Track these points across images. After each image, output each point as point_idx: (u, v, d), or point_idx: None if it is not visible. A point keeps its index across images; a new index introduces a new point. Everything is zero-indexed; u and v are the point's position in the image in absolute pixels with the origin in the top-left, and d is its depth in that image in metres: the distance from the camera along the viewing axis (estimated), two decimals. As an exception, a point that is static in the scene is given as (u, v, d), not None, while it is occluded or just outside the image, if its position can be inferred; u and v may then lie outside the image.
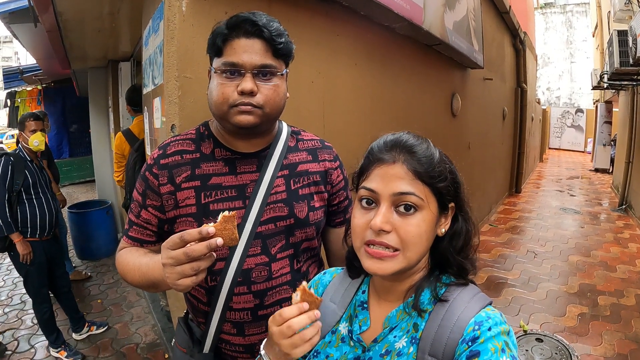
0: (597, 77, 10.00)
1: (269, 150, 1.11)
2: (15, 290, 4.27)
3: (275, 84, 1.02)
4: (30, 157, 3.05)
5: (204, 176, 1.06)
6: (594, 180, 12.07)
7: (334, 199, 1.23)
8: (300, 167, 1.15)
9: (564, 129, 21.68)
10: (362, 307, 0.85)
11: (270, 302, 1.09)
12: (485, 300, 0.76)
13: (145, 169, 1.09)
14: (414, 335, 0.75)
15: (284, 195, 1.10)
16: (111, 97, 5.59)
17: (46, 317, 3.01)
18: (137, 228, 1.10)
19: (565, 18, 25.51)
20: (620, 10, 6.56)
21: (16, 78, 8.43)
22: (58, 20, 3.19)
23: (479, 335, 0.68)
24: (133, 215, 1.10)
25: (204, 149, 1.09)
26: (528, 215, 7.40)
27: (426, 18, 3.14)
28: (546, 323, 3.50)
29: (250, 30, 0.98)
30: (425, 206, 0.74)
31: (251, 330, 1.10)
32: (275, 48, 1.00)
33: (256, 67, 0.98)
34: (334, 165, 1.21)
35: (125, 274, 1.06)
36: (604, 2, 10.89)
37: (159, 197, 1.06)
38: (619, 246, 5.63)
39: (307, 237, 1.15)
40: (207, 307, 1.10)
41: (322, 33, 2.33)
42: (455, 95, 4.76)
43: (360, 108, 2.76)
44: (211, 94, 1.02)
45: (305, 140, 1.21)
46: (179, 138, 1.12)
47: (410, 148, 0.76)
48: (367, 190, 0.76)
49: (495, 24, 6.79)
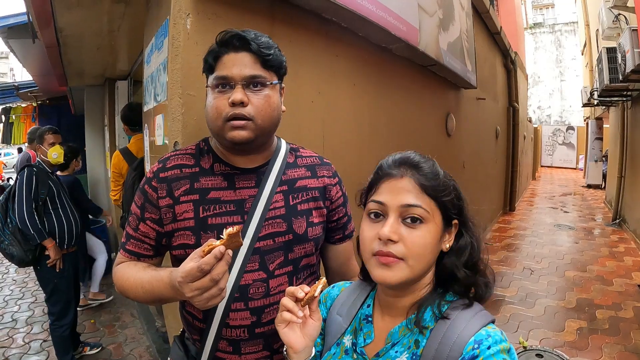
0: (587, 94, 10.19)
1: (267, 166, 1.12)
2: (7, 309, 4.18)
3: (266, 94, 1.03)
4: (50, 169, 3.08)
5: (203, 190, 1.06)
6: (586, 196, 12.19)
7: (333, 215, 1.23)
8: (299, 182, 1.15)
9: (556, 147, 21.95)
10: (366, 320, 0.87)
11: (267, 319, 1.07)
12: (487, 318, 0.76)
13: (145, 182, 1.09)
14: (415, 352, 0.76)
15: (282, 211, 1.10)
16: (107, 115, 5.59)
17: (66, 334, 2.95)
18: (134, 241, 1.09)
19: (554, 37, 26.11)
20: (609, 28, 6.73)
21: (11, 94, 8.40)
22: (58, 36, 3.21)
23: (478, 354, 0.69)
24: (131, 228, 1.10)
25: (203, 164, 1.10)
26: (523, 233, 7.43)
27: (422, 39, 3.20)
28: (545, 339, 3.49)
29: (237, 45, 1.01)
30: (430, 219, 0.77)
31: (247, 349, 1.07)
32: (264, 59, 1.02)
33: (245, 78, 1.00)
34: (333, 181, 1.22)
35: (125, 289, 1.05)
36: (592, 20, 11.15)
37: (158, 210, 1.06)
38: (615, 260, 5.67)
39: (306, 254, 1.15)
40: (203, 324, 1.09)
41: (322, 53, 2.36)
42: (449, 115, 4.82)
43: (358, 127, 2.79)
44: (207, 111, 1.04)
45: (304, 157, 1.22)
46: (178, 153, 1.13)
47: (417, 164, 0.81)
48: (375, 203, 0.80)
49: (487, 44, 6.93)
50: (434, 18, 3.56)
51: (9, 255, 2.81)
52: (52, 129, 3.15)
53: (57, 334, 2.92)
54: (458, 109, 5.24)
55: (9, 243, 2.77)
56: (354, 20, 2.36)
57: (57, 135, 3.11)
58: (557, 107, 25.77)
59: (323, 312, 0.96)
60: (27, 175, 2.84)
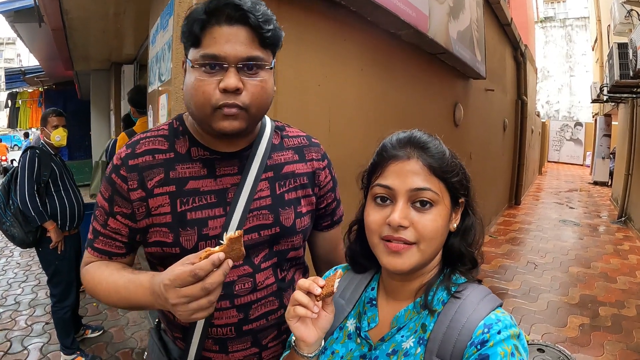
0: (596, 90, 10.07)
1: (251, 150, 0.99)
2: (10, 291, 4.21)
3: (262, 79, 0.87)
4: (53, 151, 3.06)
5: (180, 180, 0.93)
6: (592, 192, 12.11)
7: (322, 202, 1.12)
8: (286, 168, 1.03)
9: (563, 142, 21.79)
10: (370, 304, 0.85)
11: (255, 315, 0.99)
12: (495, 302, 0.74)
13: (112, 170, 0.94)
14: (422, 336, 0.74)
15: (268, 201, 0.99)
16: (113, 99, 5.60)
17: (67, 316, 2.96)
18: (104, 239, 0.96)
19: (565, 32, 25.82)
20: (621, 24, 6.63)
21: (18, 79, 8.45)
22: (64, 18, 3.20)
23: (488, 338, 0.67)
24: (98, 224, 0.96)
25: (178, 148, 0.95)
26: (528, 227, 7.39)
27: (431, 26, 3.15)
28: (547, 334, 3.47)
29: (233, 15, 0.82)
30: (440, 201, 0.74)
31: (235, 347, 0.99)
32: (263, 37, 0.85)
33: (241, 59, 0.84)
34: (322, 164, 1.10)
35: (97, 292, 0.94)
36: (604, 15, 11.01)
37: (129, 203, 0.92)
38: (619, 258, 5.63)
39: (294, 247, 1.05)
40: (186, 322, 0.98)
41: (330, 37, 2.33)
42: (457, 105, 4.77)
43: (364, 112, 2.76)
44: (189, 93, 0.87)
45: (291, 137, 1.09)
46: (149, 135, 0.97)
47: (424, 144, 0.77)
48: (382, 187, 0.76)
49: (497, 35, 6.85)
50: (444, 5, 3.51)
51: (10, 236, 2.81)
52: (56, 111, 3.12)
53: (59, 315, 2.93)
54: (466, 99, 5.19)
55: (10, 224, 2.78)
56: (363, 4, 2.33)
57: (60, 118, 3.08)
58: (566, 103, 25.55)
59: None
60: (29, 157, 2.83)
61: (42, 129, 3.11)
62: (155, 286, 0.77)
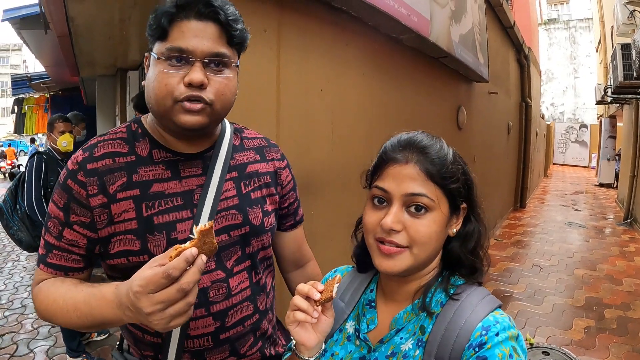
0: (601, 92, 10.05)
1: (214, 151, 0.97)
2: (16, 294, 4.25)
3: (227, 77, 0.87)
4: (60, 157, 3.09)
5: (144, 183, 0.89)
6: (598, 194, 12.05)
7: (284, 202, 1.12)
8: (249, 167, 1.03)
9: (568, 145, 21.71)
10: (369, 305, 0.85)
11: (232, 322, 0.96)
12: (494, 303, 0.74)
13: (67, 176, 0.89)
14: (421, 338, 0.74)
15: (235, 201, 0.97)
16: (119, 105, 5.64)
17: None
18: (58, 252, 0.88)
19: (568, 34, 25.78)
20: (624, 24, 6.62)
21: (24, 85, 8.51)
22: (69, 26, 3.24)
23: (486, 340, 0.66)
24: (52, 236, 0.88)
25: (139, 151, 0.92)
26: (533, 230, 7.37)
27: (433, 30, 3.17)
28: (552, 336, 3.46)
29: (203, 11, 0.83)
30: (436, 207, 0.74)
31: (213, 357, 0.96)
32: (231, 35, 0.86)
33: (208, 55, 0.84)
34: (282, 164, 1.11)
35: (52, 313, 0.84)
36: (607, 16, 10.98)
37: (89, 211, 0.86)
38: (625, 260, 5.60)
39: (263, 246, 1.04)
40: (156, 338, 0.93)
41: (332, 42, 2.35)
42: (460, 108, 4.78)
43: (367, 117, 2.78)
44: (151, 86, 0.86)
45: (250, 139, 1.09)
46: (107, 137, 0.93)
47: (424, 148, 0.76)
48: (379, 189, 0.76)
49: (500, 38, 6.84)
50: (446, 9, 3.52)
51: (17, 240, 2.85)
52: (62, 117, 3.17)
53: None
54: (469, 102, 5.19)
55: (17, 229, 2.81)
56: (364, 9, 2.34)
57: (67, 124, 3.13)
58: (571, 105, 25.48)
59: None
60: (36, 162, 2.87)
61: (48, 134, 3.15)
62: (123, 297, 0.69)
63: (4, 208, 2.85)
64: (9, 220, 2.82)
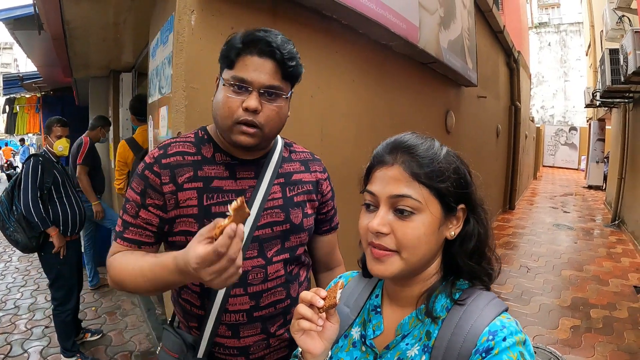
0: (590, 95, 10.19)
1: (265, 159, 1.14)
2: (9, 295, 4.25)
3: (278, 105, 1.04)
4: (56, 159, 3.13)
5: (206, 178, 1.07)
6: (587, 197, 12.20)
7: (322, 208, 1.27)
8: (294, 176, 1.19)
9: (558, 147, 21.92)
10: (375, 311, 0.84)
11: (265, 303, 1.11)
12: (500, 307, 0.72)
13: (145, 167, 1.07)
14: (427, 344, 0.73)
15: (280, 202, 1.13)
16: (111, 107, 5.64)
17: (68, 320, 3.01)
18: (134, 229, 1.06)
19: (559, 37, 26.03)
20: (612, 29, 6.71)
21: (16, 85, 8.44)
22: (65, 28, 3.26)
23: (493, 345, 0.65)
24: (129, 216, 1.06)
25: (204, 152, 1.10)
26: (522, 231, 7.47)
27: (422, 37, 3.24)
28: (539, 336, 3.53)
29: (264, 49, 0.99)
30: (423, 208, 0.71)
31: (246, 332, 1.10)
32: (286, 71, 1.02)
33: (263, 86, 1.00)
34: (323, 176, 1.27)
35: (123, 280, 1.01)
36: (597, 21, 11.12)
37: (161, 195, 1.04)
38: (612, 261, 5.70)
39: (301, 242, 1.19)
40: (201, 311, 1.10)
41: (322, 50, 2.41)
42: (449, 112, 4.85)
43: (357, 122, 2.84)
44: (217, 105, 1.04)
45: (297, 152, 1.26)
46: (178, 140, 1.12)
47: (410, 149, 0.74)
48: (369, 193, 0.76)
49: (490, 43, 6.94)
50: (435, 16, 3.60)
51: (13, 241, 2.87)
52: (61, 122, 3.19)
53: (60, 319, 2.99)
54: (458, 106, 5.27)
55: (13, 230, 2.84)
56: (354, 17, 2.41)
57: (64, 129, 3.15)
58: (561, 107, 25.71)
59: None
60: (32, 164, 2.90)
61: (45, 137, 3.18)
62: (182, 267, 0.84)
63: (0, 209, 2.87)
64: (5, 222, 2.85)
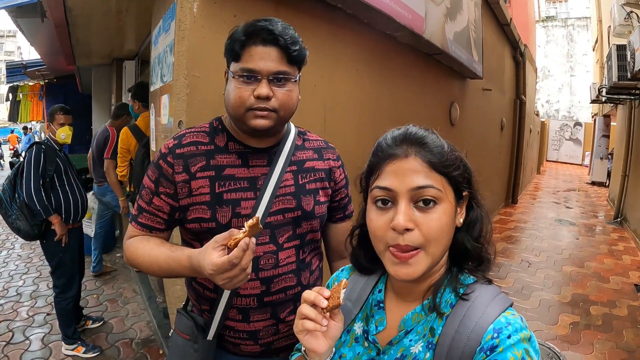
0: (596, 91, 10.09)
1: (278, 147, 1.17)
2: (11, 283, 4.28)
3: (289, 89, 1.07)
4: (58, 147, 3.13)
5: (219, 167, 1.10)
6: (590, 193, 12.14)
7: (336, 196, 1.28)
8: (307, 164, 1.21)
9: (562, 142, 21.79)
10: (378, 306, 0.82)
11: (276, 289, 1.13)
12: (505, 302, 0.71)
13: (159, 157, 1.12)
14: (431, 340, 0.72)
15: (292, 189, 1.15)
16: (114, 94, 5.63)
17: (70, 307, 3.03)
18: (147, 215, 1.12)
19: (566, 32, 25.77)
20: (620, 25, 6.63)
21: (19, 72, 8.44)
22: (67, 15, 3.24)
23: (497, 343, 0.64)
24: (144, 202, 1.12)
25: (218, 142, 1.13)
26: (523, 226, 7.45)
27: (427, 28, 3.20)
28: (538, 331, 3.53)
29: (267, 38, 1.02)
30: (444, 198, 0.71)
31: (256, 317, 1.13)
32: (290, 55, 1.05)
33: (272, 73, 1.03)
34: (337, 164, 1.28)
35: (139, 263, 1.09)
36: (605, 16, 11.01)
37: (173, 185, 1.09)
38: (613, 258, 5.68)
39: (312, 229, 1.20)
40: (213, 294, 1.14)
41: (326, 39, 2.38)
42: (453, 104, 4.82)
43: (360, 113, 2.82)
44: (228, 97, 1.07)
45: (311, 140, 1.27)
46: (193, 130, 1.16)
47: (421, 140, 0.74)
48: (381, 189, 0.72)
49: (496, 35, 6.87)
50: (441, 7, 3.56)
51: (15, 229, 2.88)
52: (64, 109, 3.17)
53: (61, 306, 3.01)
54: (463, 98, 5.24)
55: (16, 217, 2.84)
56: (359, 6, 2.38)
57: (67, 116, 3.14)
58: (566, 102, 25.54)
59: None
60: (35, 152, 2.90)
61: (48, 124, 3.17)
62: (196, 267, 0.93)
63: (2, 197, 2.87)
64: (8, 209, 2.85)
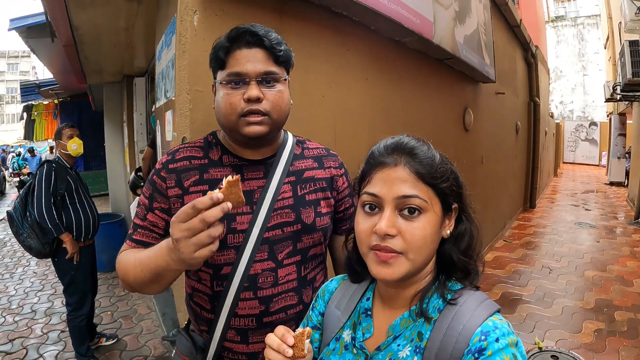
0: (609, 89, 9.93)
1: (275, 158, 1.13)
2: (27, 300, 4.31)
3: (279, 90, 1.05)
4: (69, 165, 3.15)
5: (213, 181, 1.07)
6: (609, 193, 11.89)
7: (339, 206, 1.23)
8: (306, 173, 1.16)
9: (578, 143, 21.47)
10: (365, 314, 0.84)
11: (275, 308, 1.08)
12: (492, 307, 0.73)
13: (153, 173, 1.10)
14: (418, 345, 0.73)
15: (290, 201, 1.11)
16: (126, 112, 5.69)
17: (82, 325, 3.04)
18: (142, 231, 1.08)
19: (576, 31, 25.51)
20: (631, 21, 6.52)
21: (33, 92, 8.63)
22: (74, 34, 3.28)
23: (485, 346, 0.65)
24: (139, 219, 1.10)
25: (212, 156, 1.11)
26: (543, 231, 7.30)
27: (436, 32, 3.15)
28: (562, 340, 3.42)
29: (250, 40, 1.01)
30: (429, 208, 0.73)
31: (255, 338, 1.08)
32: (276, 55, 1.03)
33: (260, 74, 1.01)
34: (339, 172, 1.23)
35: (126, 274, 1.01)
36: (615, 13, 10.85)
37: (167, 199, 1.06)
38: (636, 260, 5.50)
39: (315, 243, 1.15)
40: (211, 315, 1.09)
41: (333, 47, 2.35)
42: (467, 110, 4.74)
43: (371, 122, 2.76)
44: (219, 106, 1.05)
45: (310, 149, 1.23)
46: (187, 145, 1.14)
47: (412, 150, 0.76)
48: (369, 195, 0.75)
49: (506, 37, 6.79)
50: (450, 10, 3.50)
51: (27, 247, 2.89)
52: (69, 124, 3.23)
53: (74, 324, 3.00)
54: (476, 103, 5.15)
55: (27, 236, 2.85)
56: (365, 13, 2.34)
57: (74, 128, 3.19)
58: (580, 102, 25.20)
59: (321, 306, 0.94)
60: (46, 170, 2.92)
61: (57, 142, 3.19)
62: (169, 241, 0.83)
63: (14, 215, 2.89)
64: (19, 228, 2.87)
